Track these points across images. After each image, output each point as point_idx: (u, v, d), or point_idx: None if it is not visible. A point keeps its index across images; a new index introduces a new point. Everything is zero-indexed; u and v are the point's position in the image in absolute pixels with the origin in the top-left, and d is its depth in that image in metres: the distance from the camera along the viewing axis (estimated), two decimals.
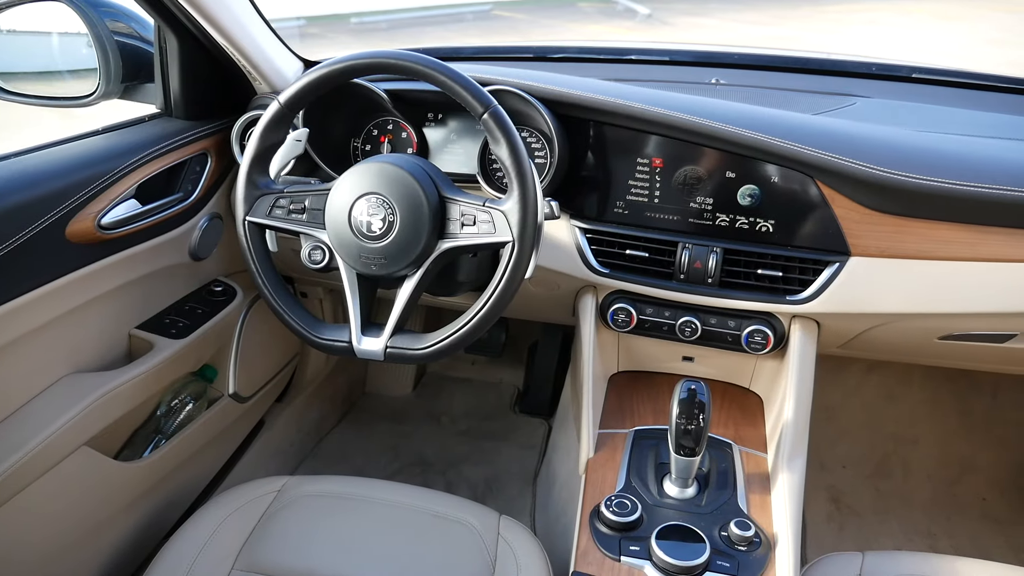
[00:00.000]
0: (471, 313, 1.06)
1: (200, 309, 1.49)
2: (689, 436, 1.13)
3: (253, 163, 1.11)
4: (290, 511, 1.21)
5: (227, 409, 1.61)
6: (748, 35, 8.04)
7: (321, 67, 1.07)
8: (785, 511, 1.17)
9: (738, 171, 1.26)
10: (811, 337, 1.32)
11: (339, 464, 2.04)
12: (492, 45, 1.77)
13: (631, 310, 1.36)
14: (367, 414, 2.28)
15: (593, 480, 1.25)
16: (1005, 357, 1.44)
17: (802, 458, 1.25)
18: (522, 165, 1.01)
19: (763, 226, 1.27)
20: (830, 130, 1.25)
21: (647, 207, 1.32)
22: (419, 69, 1.03)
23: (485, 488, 1.96)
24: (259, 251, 1.13)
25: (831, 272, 1.24)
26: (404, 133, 1.42)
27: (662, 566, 1.05)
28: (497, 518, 1.21)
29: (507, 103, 1.19)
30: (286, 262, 1.52)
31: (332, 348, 1.12)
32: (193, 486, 1.62)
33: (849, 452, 2.08)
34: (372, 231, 1.05)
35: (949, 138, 1.30)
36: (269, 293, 1.14)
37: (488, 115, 1.02)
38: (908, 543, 1.83)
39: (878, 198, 1.19)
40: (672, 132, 1.25)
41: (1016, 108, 1.52)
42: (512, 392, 2.37)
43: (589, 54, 1.76)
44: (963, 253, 1.19)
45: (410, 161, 1.08)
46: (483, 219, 1.04)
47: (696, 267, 1.28)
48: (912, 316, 1.26)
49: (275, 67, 1.42)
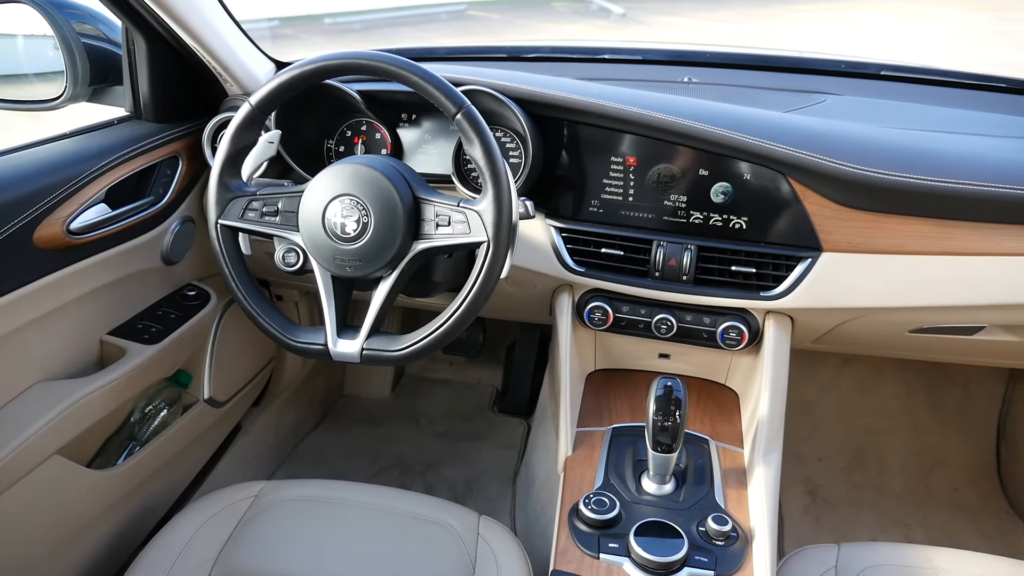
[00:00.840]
0: (447, 314, 1.06)
1: (173, 314, 1.47)
2: (666, 433, 1.14)
3: (225, 166, 1.10)
4: (268, 516, 1.20)
5: (203, 414, 1.60)
6: (720, 34, 8.11)
7: (292, 68, 1.06)
8: (762, 505, 1.18)
9: (711, 169, 1.27)
10: (785, 332, 1.34)
11: (317, 468, 2.03)
12: (465, 45, 1.77)
13: (607, 308, 1.37)
14: (345, 417, 2.26)
15: (571, 478, 1.26)
16: (975, 349, 1.46)
17: (778, 452, 1.26)
18: (496, 165, 1.02)
19: (736, 223, 1.28)
20: (801, 127, 1.26)
21: (622, 205, 1.33)
22: (391, 70, 1.02)
23: (465, 489, 1.96)
24: (232, 254, 1.12)
25: (804, 268, 1.25)
26: (378, 134, 1.42)
27: (641, 563, 1.06)
28: (476, 518, 1.21)
29: (480, 103, 1.19)
30: (260, 265, 1.51)
31: (308, 351, 1.11)
32: (169, 493, 1.60)
33: (824, 445, 2.11)
34: (346, 233, 1.05)
35: (917, 134, 1.33)
36: (243, 297, 1.13)
37: (461, 115, 1.02)
38: (883, 534, 1.86)
39: (849, 194, 1.21)
40: (645, 131, 1.26)
41: (982, 104, 1.55)
42: (491, 392, 2.37)
43: (563, 54, 1.76)
44: (932, 247, 1.21)
45: (384, 162, 1.07)
46: (458, 219, 1.04)
47: (671, 265, 1.29)
48: (883, 310, 1.28)
49: (246, 68, 1.41)
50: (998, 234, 1.19)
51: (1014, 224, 1.18)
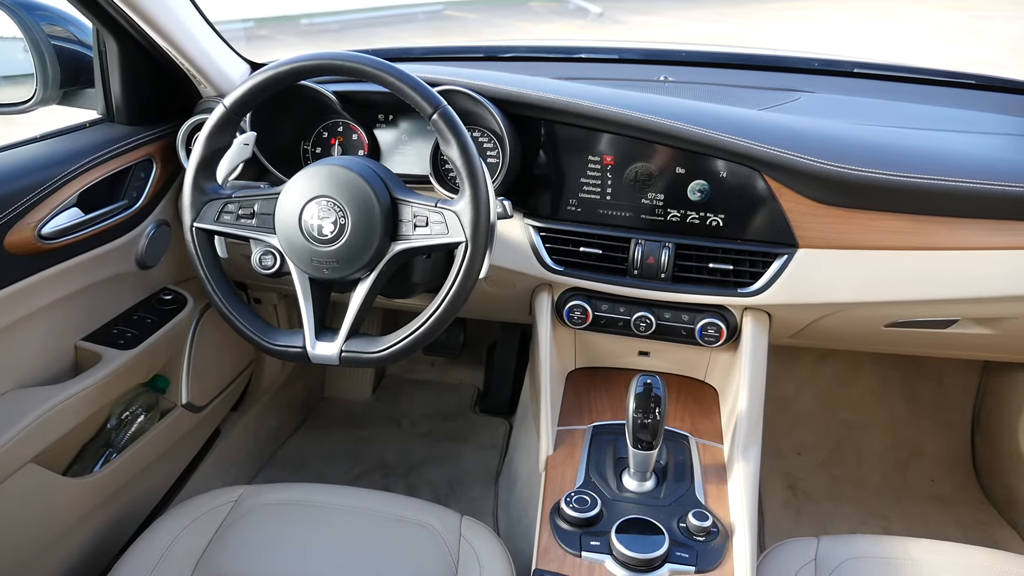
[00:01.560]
0: (426, 314, 1.06)
1: (149, 318, 1.46)
2: (646, 430, 1.14)
3: (199, 168, 1.09)
4: (248, 521, 1.19)
5: (181, 419, 1.58)
6: (696, 32, 8.16)
7: (267, 69, 1.05)
8: (741, 500, 1.19)
9: (688, 167, 1.28)
10: (763, 328, 1.35)
11: (298, 471, 2.01)
12: (442, 45, 1.77)
13: (586, 307, 1.37)
14: (326, 420, 2.25)
15: (553, 477, 1.26)
16: (949, 342, 1.49)
17: (757, 447, 1.27)
18: (473, 165, 1.01)
19: (713, 221, 1.29)
20: (776, 125, 1.27)
21: (600, 204, 1.33)
22: (367, 70, 1.02)
23: (447, 490, 1.96)
24: (208, 258, 1.11)
25: (780, 264, 1.27)
26: (355, 135, 1.41)
27: (622, 560, 1.06)
28: (459, 519, 1.21)
29: (457, 103, 1.19)
30: (238, 268, 1.49)
31: (286, 354, 1.11)
32: (147, 500, 1.59)
33: (803, 440, 2.13)
34: (323, 235, 1.04)
35: (889, 131, 1.34)
36: (219, 300, 1.12)
37: (438, 116, 1.01)
38: (862, 526, 1.88)
39: (823, 191, 1.22)
40: (622, 129, 1.27)
41: (953, 101, 1.57)
42: (472, 392, 2.37)
43: (539, 53, 1.77)
44: (905, 242, 1.22)
45: (360, 163, 1.07)
46: (435, 220, 1.03)
47: (649, 263, 1.30)
48: (859, 305, 1.29)
49: (220, 70, 1.39)
50: (969, 229, 1.21)
51: (984, 219, 1.20)
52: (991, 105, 1.54)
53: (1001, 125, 1.41)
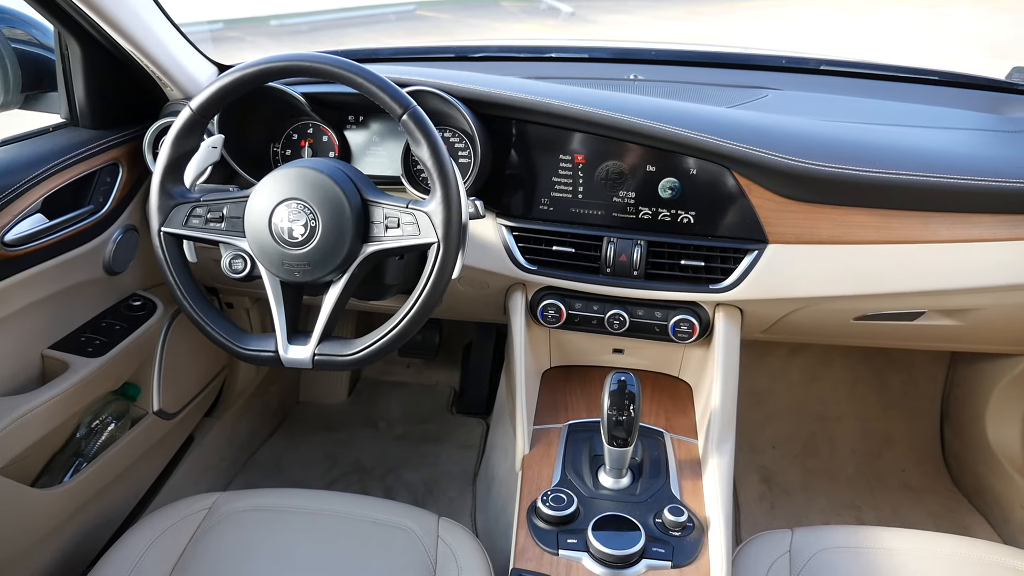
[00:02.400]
0: (399, 316, 1.05)
1: (118, 325, 1.44)
2: (621, 427, 1.15)
3: (166, 172, 1.08)
4: (223, 528, 1.17)
5: (152, 427, 1.56)
6: (667, 31, 8.21)
7: (234, 71, 1.04)
8: (716, 494, 1.20)
9: (658, 165, 1.28)
10: (735, 324, 1.36)
11: (274, 477, 2.00)
12: (412, 46, 1.76)
13: (560, 306, 1.37)
14: (302, 424, 2.23)
15: (529, 476, 1.26)
16: (916, 334, 1.51)
17: (731, 442, 1.29)
18: (444, 165, 1.01)
19: (684, 218, 1.30)
20: (744, 122, 1.28)
21: (572, 203, 1.34)
22: (335, 71, 1.01)
23: (425, 491, 1.95)
24: (176, 263, 1.10)
25: (751, 260, 1.28)
26: (325, 137, 1.40)
27: (599, 557, 1.07)
28: (436, 521, 1.21)
29: (427, 104, 1.19)
30: (208, 272, 1.48)
31: (258, 358, 1.10)
32: (120, 509, 1.56)
33: (777, 433, 2.16)
34: (294, 237, 1.04)
35: (856, 127, 1.36)
36: (189, 305, 1.10)
37: (407, 116, 1.01)
38: (836, 517, 1.91)
39: (791, 187, 1.24)
40: (592, 128, 1.27)
41: (917, 97, 1.60)
42: (448, 393, 2.36)
43: (510, 53, 1.77)
44: (871, 236, 1.24)
45: (330, 165, 1.06)
46: (407, 221, 1.03)
47: (622, 260, 1.31)
48: (828, 299, 1.31)
49: (186, 72, 1.38)
50: (934, 222, 1.23)
51: (949, 212, 1.23)
52: (954, 101, 1.57)
53: (963, 120, 1.44)
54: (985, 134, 1.35)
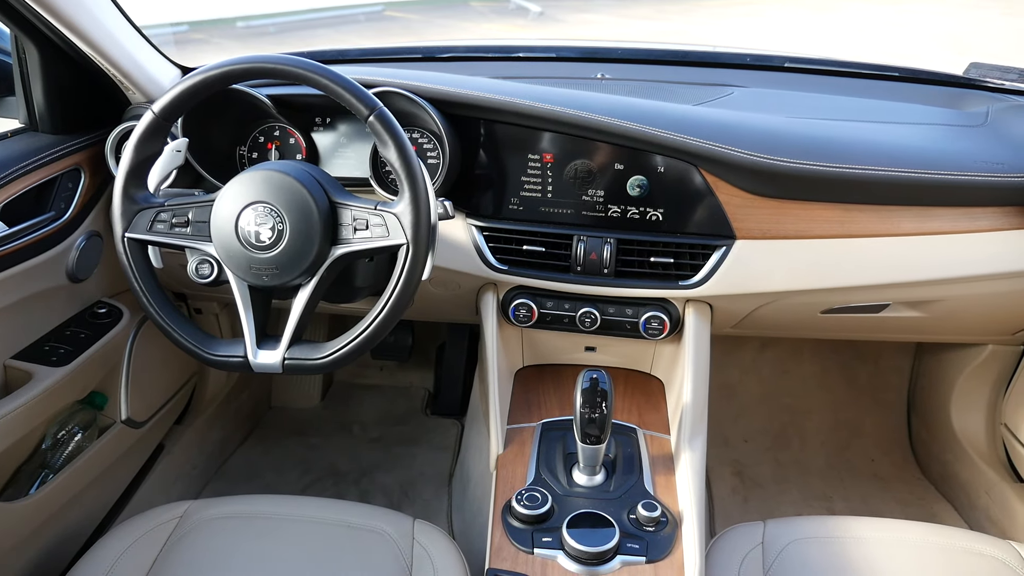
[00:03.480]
0: (370, 318, 1.05)
1: (83, 333, 1.41)
2: (594, 424, 1.15)
3: (129, 177, 1.06)
4: (194, 537, 1.16)
5: (121, 436, 1.54)
6: (635, 29, 8.27)
7: (196, 74, 1.03)
8: (689, 489, 1.21)
9: (626, 163, 1.29)
10: (705, 319, 1.37)
11: (247, 483, 1.98)
12: (379, 47, 1.75)
13: (532, 305, 1.38)
14: (274, 429, 2.21)
15: (504, 476, 1.26)
16: (882, 326, 1.54)
17: (702, 437, 1.30)
18: (411, 166, 1.01)
19: (653, 215, 1.31)
20: (710, 120, 1.30)
21: (541, 202, 1.34)
22: (299, 73, 1.01)
23: (401, 494, 1.95)
24: (141, 269, 1.08)
25: (719, 256, 1.29)
26: (292, 139, 1.39)
27: (574, 554, 1.07)
28: (411, 523, 1.20)
29: (393, 105, 1.19)
30: (175, 278, 1.46)
31: (227, 364, 1.08)
32: (88, 521, 1.53)
33: (749, 426, 2.18)
34: (261, 241, 1.03)
35: (819, 123, 1.38)
36: (155, 312, 1.09)
37: (374, 117, 1.01)
38: (807, 508, 1.93)
39: (757, 183, 1.25)
40: (560, 127, 1.28)
41: (879, 93, 1.63)
42: (423, 395, 2.35)
43: (477, 53, 1.77)
44: (835, 231, 1.26)
45: (297, 167, 1.05)
46: (376, 223, 1.03)
47: (592, 258, 1.31)
48: (795, 293, 1.33)
49: (148, 75, 1.36)
50: (896, 216, 1.25)
51: (910, 206, 1.25)
52: (914, 96, 1.60)
53: (923, 115, 1.47)
54: (944, 129, 1.38)
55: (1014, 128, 1.34)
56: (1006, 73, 1.53)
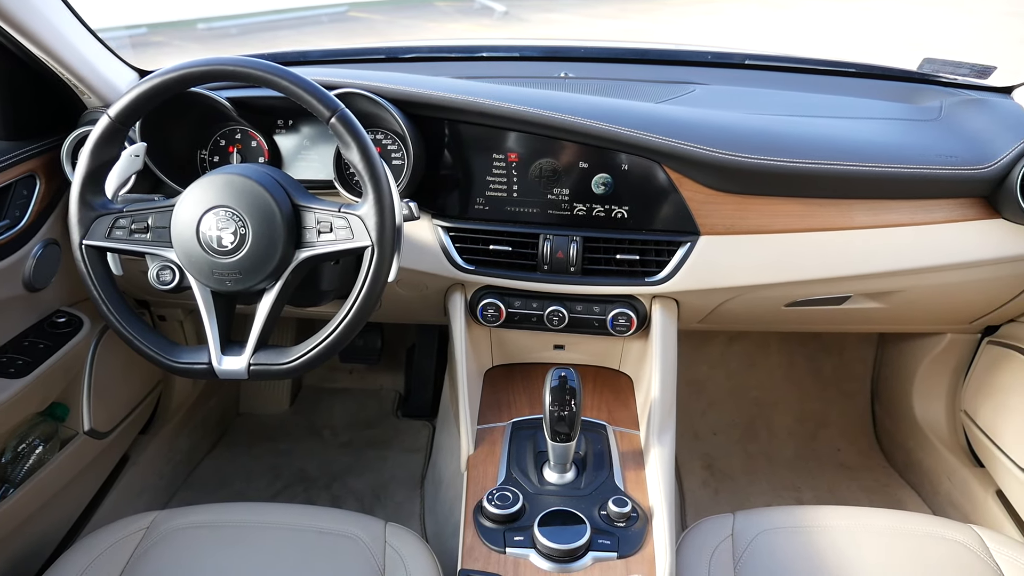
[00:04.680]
0: (336, 321, 1.04)
1: (42, 344, 1.38)
2: (563, 422, 1.16)
3: (86, 183, 1.04)
4: (162, 548, 1.14)
5: (84, 447, 1.51)
6: (599, 28, 8.31)
7: (153, 77, 1.01)
8: (659, 483, 1.22)
9: (591, 161, 1.30)
10: (671, 315, 1.39)
11: (216, 492, 1.95)
12: (341, 48, 1.73)
13: (499, 304, 1.38)
14: (243, 436, 2.19)
15: (474, 476, 1.26)
16: (845, 318, 1.57)
17: (671, 431, 1.31)
18: (375, 168, 1.00)
19: (618, 213, 1.32)
20: (673, 117, 1.31)
21: (507, 202, 1.34)
22: (259, 75, 0.99)
23: (373, 498, 1.93)
24: (100, 276, 1.06)
25: (684, 252, 1.30)
26: (254, 142, 1.37)
27: (546, 552, 1.08)
28: (383, 527, 1.19)
29: (356, 106, 1.18)
30: (137, 285, 1.43)
31: (191, 371, 1.07)
32: (52, 535, 1.50)
33: (719, 420, 2.21)
34: (223, 246, 1.01)
35: (780, 119, 1.40)
36: (116, 320, 1.07)
37: (335, 119, 1.00)
38: (776, 498, 1.96)
39: (720, 179, 1.27)
40: (524, 127, 1.28)
41: (837, 88, 1.65)
42: (393, 397, 2.34)
43: (441, 53, 1.76)
44: (796, 225, 1.28)
45: (258, 171, 1.04)
46: (340, 225, 1.02)
47: (558, 257, 1.32)
48: (759, 287, 1.35)
49: (104, 79, 1.33)
50: (854, 209, 1.28)
51: (868, 199, 1.27)
52: (871, 91, 1.63)
53: (879, 110, 1.49)
54: (899, 123, 1.41)
55: (966, 122, 1.37)
56: (958, 68, 1.57)
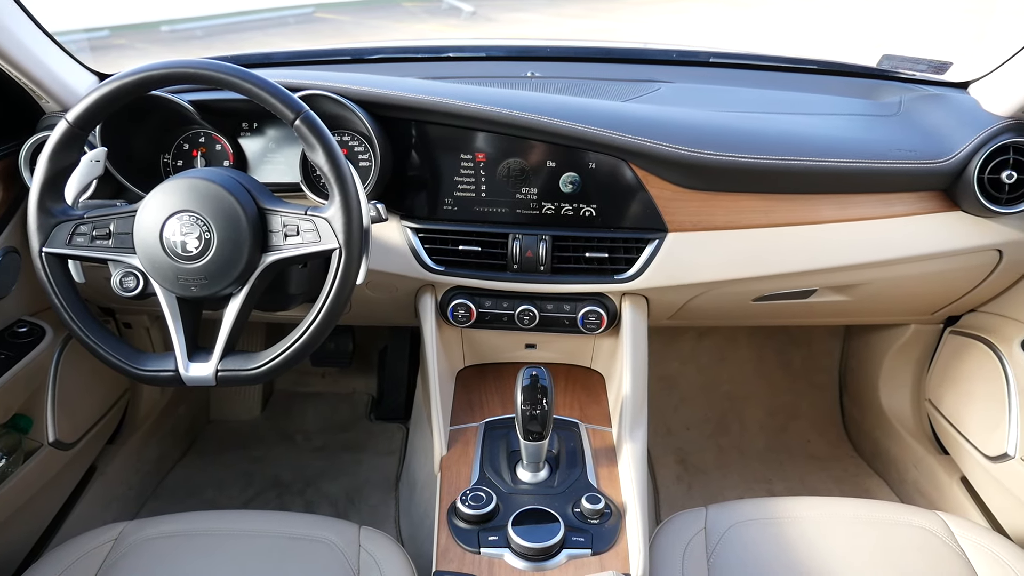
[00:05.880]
0: (304, 325, 1.03)
1: (3, 354, 1.35)
2: (535, 421, 1.16)
3: (44, 189, 1.02)
4: (131, 560, 1.12)
5: (49, 459, 1.48)
6: (566, 28, 8.34)
7: (112, 81, 0.99)
8: (631, 479, 1.23)
9: (558, 160, 1.30)
10: (641, 312, 1.40)
11: (187, 501, 1.92)
12: (306, 49, 1.72)
13: (470, 305, 1.38)
14: (214, 443, 2.16)
15: (448, 477, 1.26)
16: (811, 311, 1.59)
17: (643, 427, 1.32)
18: (341, 170, 1.00)
19: (586, 211, 1.33)
20: (639, 115, 1.32)
21: (476, 202, 1.34)
22: (221, 78, 0.98)
23: (347, 502, 1.92)
24: (62, 284, 1.04)
25: (652, 249, 1.31)
26: (218, 145, 1.36)
27: (520, 551, 1.08)
28: (357, 530, 1.19)
29: (321, 108, 1.17)
30: (101, 292, 1.40)
31: (157, 379, 1.05)
32: (18, 550, 1.47)
33: (691, 415, 2.23)
34: (188, 251, 1.00)
35: (743, 116, 1.42)
36: (78, 328, 1.05)
37: (300, 121, 0.99)
38: (748, 491, 1.99)
39: (686, 176, 1.28)
40: (491, 126, 1.28)
41: (799, 85, 1.68)
42: (366, 400, 2.33)
43: (407, 54, 1.75)
44: (761, 220, 1.30)
45: (222, 174, 1.03)
46: (306, 228, 1.01)
47: (528, 256, 1.32)
48: (727, 282, 1.36)
49: (62, 83, 1.31)
50: (817, 204, 1.30)
51: (830, 194, 1.30)
52: (832, 88, 1.65)
53: (840, 106, 1.51)
54: (860, 119, 1.43)
55: (924, 117, 1.40)
56: (916, 64, 1.60)
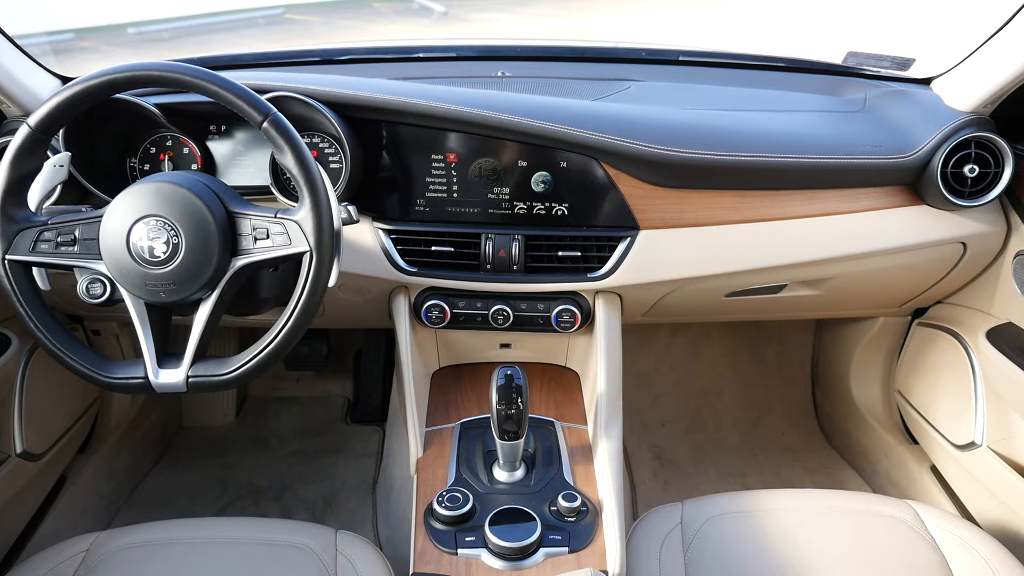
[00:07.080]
0: (276, 329, 1.02)
1: None
2: (511, 420, 1.16)
3: (6, 195, 1.00)
4: (104, 571, 1.10)
5: (17, 470, 1.45)
6: (537, 27, 8.35)
7: (74, 84, 0.98)
8: (607, 477, 1.23)
9: (530, 159, 1.31)
10: (615, 309, 1.40)
11: (160, 510, 1.89)
12: (274, 51, 1.70)
13: (444, 305, 1.38)
14: (188, 450, 2.13)
15: (424, 479, 1.26)
16: (782, 306, 1.61)
17: (618, 425, 1.33)
18: (310, 172, 0.99)
19: (559, 210, 1.33)
20: (609, 114, 1.32)
21: (448, 202, 1.34)
22: (187, 80, 0.97)
23: (324, 506, 1.91)
24: (26, 292, 1.02)
25: (624, 247, 1.32)
26: (186, 149, 1.34)
27: (497, 551, 1.08)
28: (334, 534, 1.18)
29: (289, 109, 1.16)
30: (68, 299, 1.38)
31: (127, 387, 1.04)
32: None
33: (666, 411, 2.24)
34: (155, 256, 0.99)
35: (714, 114, 1.43)
36: (44, 337, 1.03)
37: (268, 123, 0.98)
38: (724, 485, 2.00)
39: (657, 174, 1.29)
40: (462, 127, 1.28)
41: (767, 83, 1.70)
42: (342, 403, 2.31)
43: (377, 54, 1.74)
44: (731, 217, 1.31)
45: (189, 178, 1.02)
46: (276, 231, 1.00)
47: (501, 256, 1.32)
48: (699, 278, 1.37)
49: (23, 86, 1.28)
50: (786, 200, 1.32)
51: (798, 190, 1.31)
52: (799, 85, 1.67)
53: (807, 103, 1.54)
54: (826, 115, 1.45)
55: (889, 113, 1.42)
56: (880, 61, 1.63)
